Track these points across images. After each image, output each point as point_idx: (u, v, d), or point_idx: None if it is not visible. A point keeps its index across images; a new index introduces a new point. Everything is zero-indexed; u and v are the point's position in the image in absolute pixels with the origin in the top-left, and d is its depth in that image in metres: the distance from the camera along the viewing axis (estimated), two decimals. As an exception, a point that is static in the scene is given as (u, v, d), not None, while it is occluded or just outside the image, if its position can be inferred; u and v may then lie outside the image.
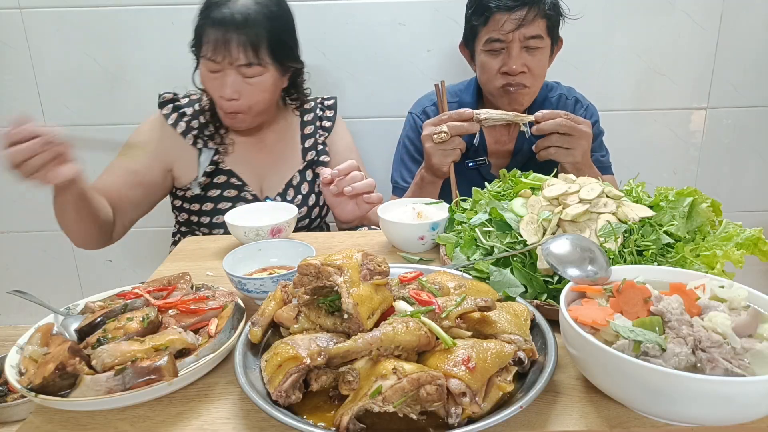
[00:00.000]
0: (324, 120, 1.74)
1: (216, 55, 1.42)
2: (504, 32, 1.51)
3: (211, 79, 1.48)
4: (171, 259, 1.29)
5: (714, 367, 0.65)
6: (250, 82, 1.47)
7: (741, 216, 2.26)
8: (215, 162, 1.60)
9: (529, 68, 1.55)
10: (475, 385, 0.65)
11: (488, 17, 1.53)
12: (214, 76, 1.46)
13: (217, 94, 1.49)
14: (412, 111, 1.81)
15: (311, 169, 1.70)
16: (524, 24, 1.50)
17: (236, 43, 1.41)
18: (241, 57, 1.42)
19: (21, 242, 2.34)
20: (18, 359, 0.79)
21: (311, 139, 1.71)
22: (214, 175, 1.61)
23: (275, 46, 1.47)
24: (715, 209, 1.02)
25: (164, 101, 1.62)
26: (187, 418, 0.74)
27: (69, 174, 1.17)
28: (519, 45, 1.53)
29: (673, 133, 2.25)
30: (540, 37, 1.53)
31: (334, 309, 0.76)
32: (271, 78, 1.50)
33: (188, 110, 1.61)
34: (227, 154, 1.62)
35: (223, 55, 1.42)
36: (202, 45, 1.44)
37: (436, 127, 1.43)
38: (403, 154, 1.80)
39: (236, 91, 1.46)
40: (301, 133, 1.71)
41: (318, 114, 1.74)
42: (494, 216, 1.08)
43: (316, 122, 1.73)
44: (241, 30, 1.40)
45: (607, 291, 0.80)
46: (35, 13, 2.02)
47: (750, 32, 2.11)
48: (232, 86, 1.45)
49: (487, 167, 1.72)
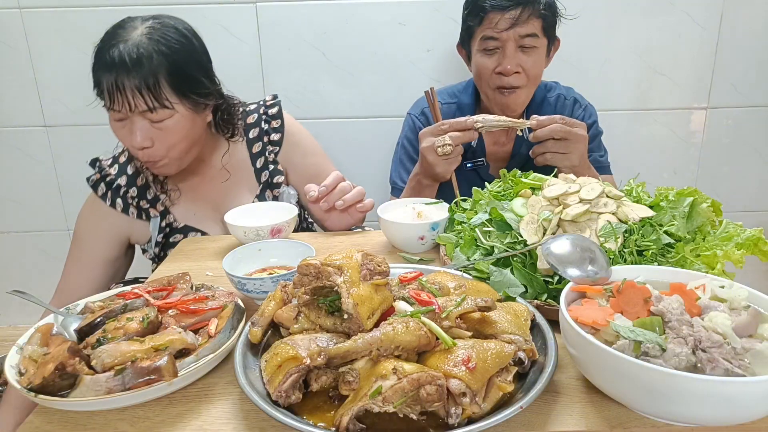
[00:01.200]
0: (271, 133, 1.56)
1: (114, 104, 1.26)
2: (498, 30, 1.52)
3: (118, 128, 1.32)
4: (171, 259, 1.29)
5: (714, 368, 0.65)
6: (159, 126, 1.30)
7: (741, 216, 2.26)
8: (167, 224, 1.49)
9: (523, 68, 1.55)
10: (475, 386, 0.65)
11: (483, 17, 1.54)
12: (121, 124, 1.31)
13: (128, 144, 1.34)
14: (410, 112, 1.81)
15: (269, 191, 1.57)
16: (518, 23, 1.50)
17: (130, 88, 1.24)
18: (140, 103, 1.25)
19: (21, 242, 2.34)
20: (18, 359, 0.79)
21: (261, 158, 1.55)
22: (170, 235, 1.50)
23: (178, 84, 1.29)
24: (715, 209, 1.02)
25: (95, 182, 1.48)
26: (187, 418, 0.74)
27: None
28: (514, 45, 1.53)
29: (673, 133, 2.25)
30: (535, 36, 1.53)
31: (334, 309, 0.76)
32: (183, 119, 1.32)
33: (121, 180, 1.47)
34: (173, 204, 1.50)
35: (120, 103, 1.25)
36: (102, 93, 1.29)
37: (438, 138, 1.41)
38: (402, 155, 1.80)
39: (146, 138, 1.30)
40: (249, 154, 1.55)
41: (263, 128, 1.56)
42: (494, 216, 1.07)
43: (263, 137, 1.56)
44: (133, 72, 1.23)
45: (608, 291, 0.80)
46: (35, 13, 2.02)
47: (750, 32, 2.11)
48: (141, 133, 1.29)
49: (485, 168, 1.72)
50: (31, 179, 2.24)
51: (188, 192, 1.52)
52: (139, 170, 1.48)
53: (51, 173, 2.24)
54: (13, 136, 2.18)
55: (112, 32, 1.30)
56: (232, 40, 2.08)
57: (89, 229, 1.51)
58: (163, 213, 1.50)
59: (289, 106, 2.17)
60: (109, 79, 1.24)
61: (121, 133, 1.33)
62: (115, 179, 1.48)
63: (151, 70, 1.25)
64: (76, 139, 2.18)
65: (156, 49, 1.26)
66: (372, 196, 1.82)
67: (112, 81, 1.24)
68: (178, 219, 1.51)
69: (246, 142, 1.56)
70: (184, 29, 1.35)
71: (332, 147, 2.19)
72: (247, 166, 1.55)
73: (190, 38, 1.35)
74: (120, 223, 1.50)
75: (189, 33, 1.35)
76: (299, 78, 2.14)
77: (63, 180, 2.25)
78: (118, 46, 1.25)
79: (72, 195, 2.26)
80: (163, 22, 1.32)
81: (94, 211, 1.50)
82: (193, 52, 1.34)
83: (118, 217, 1.49)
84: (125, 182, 1.48)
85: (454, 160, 1.44)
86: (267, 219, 1.30)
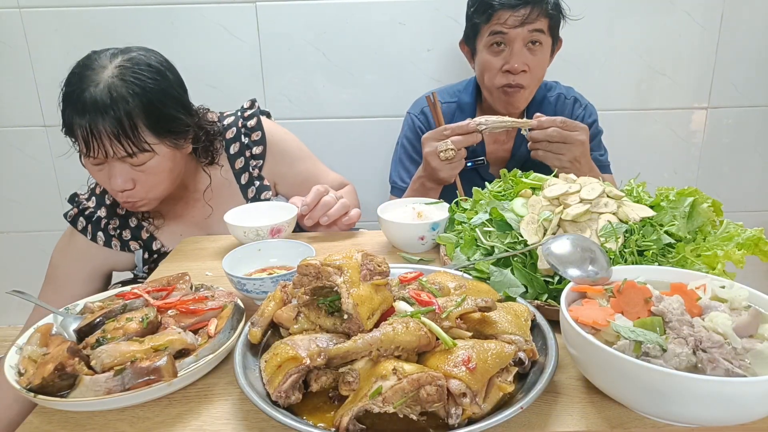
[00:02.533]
0: (252, 147, 1.51)
1: (90, 151, 1.19)
2: (507, 27, 1.52)
3: (96, 172, 1.27)
4: (170, 259, 1.29)
5: (715, 368, 0.65)
6: (140, 169, 1.25)
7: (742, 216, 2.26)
8: (155, 250, 1.46)
9: (529, 67, 1.55)
10: (476, 386, 0.65)
11: (491, 14, 1.54)
12: (99, 168, 1.25)
13: (108, 187, 1.28)
14: (410, 111, 1.81)
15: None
16: (527, 22, 1.50)
17: (107, 135, 1.17)
18: (118, 150, 1.19)
19: (21, 242, 2.34)
20: (17, 359, 0.79)
21: (245, 174, 1.51)
22: (159, 260, 1.43)
23: (156, 125, 1.23)
24: (715, 209, 1.02)
25: (73, 217, 1.42)
26: (187, 418, 0.74)
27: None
28: (522, 43, 1.53)
29: (673, 133, 2.25)
30: (542, 32, 1.54)
31: (334, 309, 0.76)
32: (164, 158, 1.27)
33: (101, 212, 1.41)
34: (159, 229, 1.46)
35: (97, 150, 1.18)
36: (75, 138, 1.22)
37: (440, 143, 1.41)
38: (402, 155, 1.80)
39: (127, 180, 1.24)
40: (233, 171, 1.50)
41: (244, 142, 1.50)
42: (495, 216, 1.07)
43: (244, 152, 1.50)
44: (108, 118, 1.16)
45: (608, 291, 0.80)
46: (35, 13, 2.02)
47: (750, 31, 2.11)
48: (121, 177, 1.23)
49: (485, 167, 1.71)
50: (31, 179, 2.24)
51: (172, 217, 1.48)
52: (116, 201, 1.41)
53: (51, 173, 2.24)
54: (13, 136, 2.18)
55: (80, 74, 1.21)
56: (232, 40, 2.08)
57: (69, 265, 1.43)
58: (149, 240, 1.45)
59: (288, 106, 2.18)
60: (83, 126, 1.17)
61: (100, 176, 1.27)
62: (94, 212, 1.42)
63: (127, 115, 1.17)
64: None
65: (130, 91, 1.18)
66: (372, 196, 1.83)
67: (86, 127, 1.16)
68: (165, 244, 1.47)
69: (228, 159, 1.50)
70: (157, 63, 1.27)
71: (332, 147, 2.20)
72: (231, 184, 1.50)
73: (164, 72, 1.27)
74: (102, 258, 1.44)
75: (163, 66, 1.28)
76: (299, 78, 2.14)
77: (63, 180, 2.25)
78: (89, 89, 1.17)
79: (72, 195, 2.27)
80: (132, 59, 1.23)
81: (72, 248, 1.43)
82: (168, 89, 1.26)
83: (99, 252, 1.42)
84: (105, 214, 1.42)
85: (458, 164, 1.44)
86: (267, 219, 1.29)
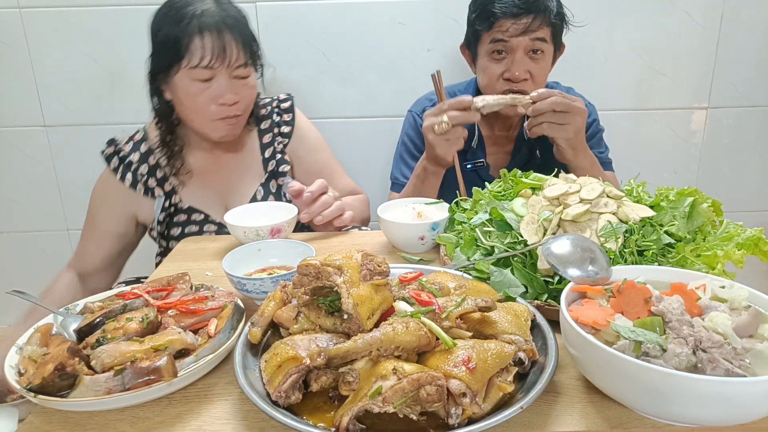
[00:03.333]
0: (282, 125, 1.66)
1: (215, 61, 1.37)
2: (509, 36, 1.51)
3: (201, 91, 1.41)
4: (170, 259, 1.29)
5: (715, 368, 0.65)
6: (243, 83, 1.46)
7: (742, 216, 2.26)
8: (172, 204, 1.55)
9: (531, 75, 1.55)
10: (476, 386, 0.65)
11: (493, 22, 1.52)
12: (205, 86, 1.40)
13: (215, 103, 1.42)
14: (412, 109, 1.81)
15: (274, 180, 1.62)
16: (530, 31, 1.49)
17: (234, 44, 1.39)
18: (240, 57, 1.41)
19: (21, 242, 2.34)
20: (17, 359, 0.79)
21: (270, 148, 1.63)
22: (174, 215, 1.56)
23: (252, 47, 1.48)
24: (715, 209, 1.02)
25: (109, 155, 1.56)
26: (187, 418, 0.74)
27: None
28: (523, 51, 1.52)
29: (673, 133, 2.25)
30: (544, 40, 1.53)
31: (334, 309, 0.76)
32: (255, 78, 1.51)
33: (134, 157, 1.55)
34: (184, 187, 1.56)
35: (221, 60, 1.38)
36: (186, 57, 1.37)
37: (437, 117, 1.41)
38: (403, 152, 1.80)
39: (236, 93, 1.43)
40: (259, 143, 1.64)
41: (275, 120, 1.66)
42: (495, 216, 1.07)
43: (273, 129, 1.65)
44: (235, 30, 1.40)
45: (608, 291, 0.80)
46: (35, 13, 2.02)
47: (751, 31, 2.10)
48: (230, 90, 1.42)
49: (485, 169, 1.71)
50: (31, 179, 2.24)
51: (198, 175, 1.58)
52: (152, 149, 1.55)
53: (51, 173, 2.23)
54: (13, 136, 2.18)
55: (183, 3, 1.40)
56: (232, 40, 2.08)
57: (101, 203, 1.58)
58: (170, 193, 1.56)
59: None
60: (211, 39, 1.36)
61: (203, 96, 1.41)
62: (128, 155, 1.55)
63: (245, 28, 1.43)
64: (75, 139, 2.17)
65: (239, 15, 1.44)
66: (372, 196, 1.83)
67: (216, 40, 1.37)
68: (183, 200, 1.56)
69: (257, 132, 1.64)
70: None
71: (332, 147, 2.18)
72: (256, 154, 1.63)
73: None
74: (128, 199, 1.56)
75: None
76: (299, 78, 2.14)
77: (63, 180, 2.25)
78: (203, 7, 1.38)
79: (71, 195, 2.26)
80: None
81: (105, 186, 1.58)
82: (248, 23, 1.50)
83: (126, 193, 1.55)
84: (137, 159, 1.55)
85: (455, 141, 1.42)
86: (267, 219, 1.30)
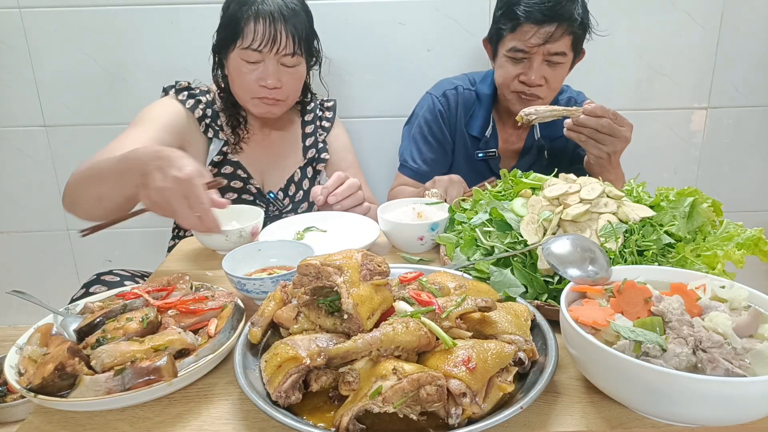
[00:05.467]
0: (324, 120, 1.79)
1: (263, 46, 1.46)
2: (530, 45, 1.50)
3: (249, 71, 1.51)
4: (170, 259, 1.29)
5: (715, 368, 0.65)
6: (289, 71, 1.53)
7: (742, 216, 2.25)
8: (223, 152, 1.61)
9: (547, 80, 1.55)
10: (476, 386, 0.65)
11: (516, 26, 1.51)
12: (253, 67, 1.50)
13: (258, 83, 1.51)
14: (431, 92, 1.80)
15: (311, 166, 1.74)
16: (551, 40, 1.49)
17: (285, 34, 1.47)
18: (289, 46, 1.48)
19: (21, 242, 2.34)
20: (17, 359, 0.79)
21: (311, 138, 1.74)
22: (221, 165, 1.62)
23: (308, 39, 1.55)
24: (715, 209, 1.02)
25: (180, 88, 1.62)
26: (187, 418, 0.74)
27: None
28: (541, 58, 1.52)
29: (673, 133, 2.25)
30: (564, 53, 1.53)
31: (334, 309, 0.76)
32: (303, 69, 1.58)
33: (202, 98, 1.62)
34: (238, 149, 1.64)
35: (270, 46, 1.46)
36: (240, 37, 1.47)
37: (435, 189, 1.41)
38: (417, 134, 1.79)
39: (279, 79, 1.51)
40: (302, 132, 1.75)
41: (318, 114, 1.78)
42: (494, 216, 1.07)
43: (316, 122, 1.77)
44: (289, 21, 1.47)
45: (608, 291, 0.80)
46: (35, 13, 2.02)
47: (751, 31, 2.10)
48: (274, 75, 1.50)
49: (496, 160, 1.72)
50: (31, 179, 2.24)
51: (251, 141, 1.67)
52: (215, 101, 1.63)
53: (51, 173, 2.24)
54: (13, 136, 2.18)
55: None
56: (232, 40, 2.08)
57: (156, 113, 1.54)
58: (226, 142, 1.63)
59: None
60: (266, 25, 1.45)
61: (250, 75, 1.51)
62: (196, 94, 1.62)
63: (300, 22, 1.50)
64: (75, 139, 2.17)
65: (301, 6, 1.52)
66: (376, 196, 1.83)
67: (270, 26, 1.45)
68: (230, 157, 1.63)
69: (301, 123, 1.76)
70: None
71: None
72: (297, 141, 1.75)
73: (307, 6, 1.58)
74: (187, 128, 1.57)
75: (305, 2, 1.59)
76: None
77: (63, 180, 2.22)
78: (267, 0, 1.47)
79: (72, 195, 2.26)
80: None
81: (168, 106, 1.58)
82: (312, 17, 1.58)
83: (189, 122, 1.58)
84: (204, 101, 1.62)
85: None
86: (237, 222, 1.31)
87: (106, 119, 2.14)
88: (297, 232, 1.30)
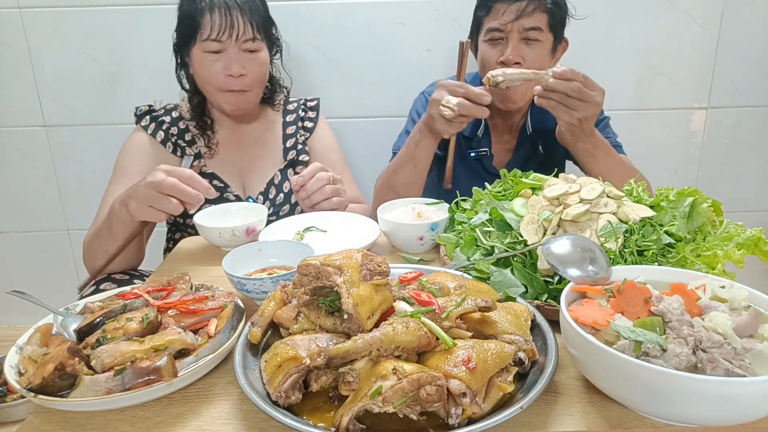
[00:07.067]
0: (306, 121, 1.77)
1: (222, 34, 1.46)
2: (503, 22, 1.52)
3: (212, 62, 1.50)
4: (170, 259, 1.29)
5: (715, 368, 0.65)
6: (251, 57, 1.53)
7: (742, 216, 2.26)
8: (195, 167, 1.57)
9: (524, 60, 1.55)
10: (476, 386, 0.65)
11: (490, 7, 1.55)
12: (216, 57, 1.50)
13: (224, 74, 1.51)
14: (425, 92, 1.81)
15: (292, 168, 1.72)
16: (523, 15, 1.51)
17: (242, 20, 1.47)
18: (248, 32, 1.49)
19: (21, 242, 2.34)
20: (17, 359, 0.79)
21: (292, 139, 1.73)
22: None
23: (266, 24, 1.56)
24: (715, 209, 1.02)
25: (141, 113, 1.63)
26: (187, 418, 0.74)
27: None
28: (518, 36, 1.54)
29: (673, 133, 2.25)
30: (539, 29, 1.53)
31: (333, 309, 0.76)
32: (266, 55, 1.58)
33: (166, 118, 1.63)
34: (211, 157, 1.63)
35: (229, 32, 1.47)
36: (199, 31, 1.48)
37: (448, 96, 1.37)
38: (409, 128, 1.77)
39: (243, 66, 1.51)
40: (283, 133, 1.74)
41: (300, 115, 1.77)
42: (494, 216, 1.07)
43: (297, 122, 1.76)
44: (244, 7, 1.48)
45: (608, 291, 0.80)
46: (35, 13, 2.02)
47: (751, 31, 2.10)
48: (238, 62, 1.50)
49: (489, 159, 1.72)
50: (31, 179, 2.24)
51: (222, 149, 1.66)
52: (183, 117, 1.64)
53: (51, 173, 2.23)
54: (13, 136, 2.18)
55: None
56: (232, 40, 2.08)
57: (131, 159, 1.60)
58: (197, 155, 1.63)
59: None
60: (221, 14, 1.46)
61: (214, 67, 1.51)
62: (160, 115, 1.64)
63: (256, 8, 1.51)
64: (75, 139, 2.17)
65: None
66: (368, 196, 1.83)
67: (225, 14, 1.46)
68: (208, 166, 1.63)
69: (282, 124, 1.75)
70: None
71: (332, 147, 2.19)
72: (278, 143, 1.73)
73: None
74: (156, 156, 1.60)
75: None
76: (299, 78, 2.13)
77: (63, 180, 2.25)
78: None
79: (72, 195, 2.26)
80: None
81: (135, 142, 1.63)
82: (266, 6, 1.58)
83: (155, 149, 1.61)
84: (169, 120, 1.63)
85: (457, 125, 1.41)
86: (239, 219, 1.32)
87: (106, 119, 2.14)
88: (297, 232, 1.30)
